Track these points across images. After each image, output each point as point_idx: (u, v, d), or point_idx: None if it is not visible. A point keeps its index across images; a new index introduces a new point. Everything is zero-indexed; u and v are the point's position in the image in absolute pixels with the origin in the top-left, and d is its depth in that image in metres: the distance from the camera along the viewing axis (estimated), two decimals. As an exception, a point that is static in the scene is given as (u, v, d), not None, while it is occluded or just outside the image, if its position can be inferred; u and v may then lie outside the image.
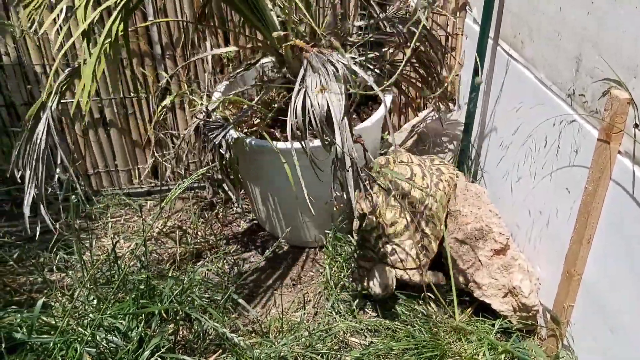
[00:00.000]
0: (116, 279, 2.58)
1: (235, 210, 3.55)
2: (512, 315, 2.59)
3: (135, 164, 3.72)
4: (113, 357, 2.25)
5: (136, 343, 2.31)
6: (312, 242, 3.12)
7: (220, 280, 2.95)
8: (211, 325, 2.33)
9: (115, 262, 2.57)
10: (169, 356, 2.25)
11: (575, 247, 2.30)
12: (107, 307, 2.43)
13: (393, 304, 2.76)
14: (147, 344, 2.25)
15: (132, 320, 2.40)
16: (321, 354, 2.49)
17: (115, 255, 2.49)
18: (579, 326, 2.35)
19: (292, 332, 2.55)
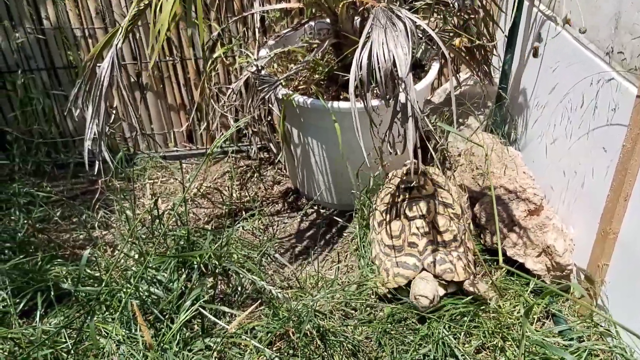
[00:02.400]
0: (157, 235, 2.67)
1: (274, 175, 3.60)
2: (546, 275, 2.60)
3: (171, 128, 3.78)
4: (156, 308, 2.34)
5: (177, 294, 2.39)
6: (351, 206, 3.13)
7: (255, 240, 3.02)
8: (249, 277, 2.40)
9: (157, 218, 2.65)
10: (208, 306, 2.32)
11: (611, 205, 2.30)
12: (149, 261, 2.52)
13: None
14: (187, 295, 2.32)
15: (173, 273, 2.49)
16: (355, 309, 2.55)
17: (157, 209, 2.56)
18: (614, 285, 2.36)
19: (327, 287, 2.60)
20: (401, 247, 2.62)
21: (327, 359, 2.31)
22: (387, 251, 2.65)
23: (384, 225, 2.71)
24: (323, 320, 2.43)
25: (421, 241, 2.58)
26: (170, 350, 2.05)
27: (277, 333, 2.44)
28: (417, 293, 2.43)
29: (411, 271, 2.54)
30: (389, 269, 2.59)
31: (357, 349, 2.38)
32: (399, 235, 2.63)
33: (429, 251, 2.56)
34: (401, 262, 2.57)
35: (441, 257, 2.54)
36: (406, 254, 2.59)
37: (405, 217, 2.65)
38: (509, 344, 2.37)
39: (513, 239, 2.64)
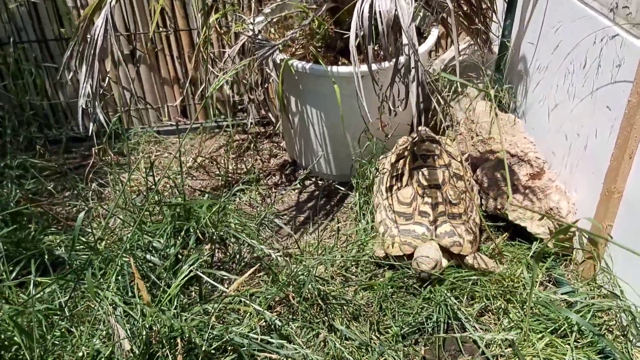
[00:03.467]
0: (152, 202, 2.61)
1: (270, 149, 3.55)
2: (548, 238, 2.56)
3: (165, 102, 3.72)
4: (152, 274, 2.29)
5: (173, 261, 2.34)
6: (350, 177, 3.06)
7: (253, 211, 2.97)
8: (247, 242, 2.35)
9: (153, 185, 2.59)
10: (206, 271, 2.27)
11: (616, 164, 2.26)
12: (144, 228, 2.47)
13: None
14: (184, 261, 2.27)
15: (169, 239, 2.43)
16: (356, 274, 2.51)
17: (152, 175, 2.51)
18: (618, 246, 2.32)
19: (327, 254, 2.56)
20: (411, 215, 2.56)
21: (328, 323, 2.26)
22: (395, 218, 2.58)
23: (394, 190, 2.65)
24: (323, 285, 2.38)
25: (434, 211, 2.52)
26: (169, 312, 2.00)
27: (276, 298, 2.40)
28: (420, 254, 2.38)
29: (419, 240, 2.49)
30: (395, 235, 2.53)
31: (358, 312, 2.34)
32: (410, 202, 2.57)
33: (439, 222, 2.51)
34: (409, 230, 2.51)
35: (451, 229, 2.49)
36: (416, 222, 2.53)
37: (419, 184, 2.59)
38: (512, 305, 2.33)
39: (514, 203, 2.60)
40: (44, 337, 1.98)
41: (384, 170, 2.81)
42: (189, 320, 2.02)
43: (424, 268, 2.36)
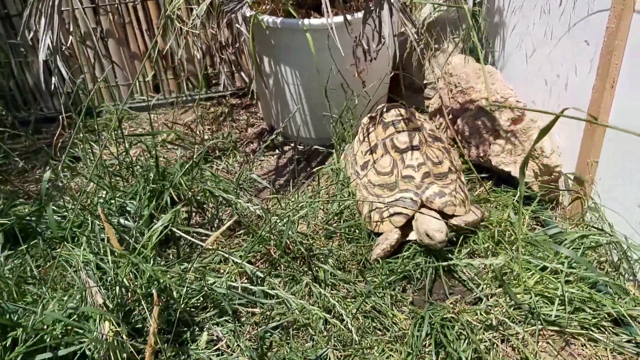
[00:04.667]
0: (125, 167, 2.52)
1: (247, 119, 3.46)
2: (534, 181, 2.51)
3: (136, 78, 3.62)
4: (127, 235, 2.19)
5: (148, 222, 2.25)
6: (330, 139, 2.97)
7: (230, 177, 2.88)
8: (224, 196, 2.27)
9: (125, 151, 2.50)
10: (182, 229, 2.18)
11: (597, 96, 2.20)
12: (116, 191, 2.38)
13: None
14: (158, 219, 2.19)
15: (142, 200, 2.34)
16: (338, 230, 2.43)
17: (123, 137, 2.42)
18: (605, 182, 2.27)
19: (308, 207, 2.48)
20: (394, 183, 2.38)
21: (312, 275, 2.18)
22: (378, 192, 2.41)
23: (370, 166, 2.48)
24: (306, 239, 2.30)
25: (417, 173, 2.35)
26: (146, 265, 1.90)
27: (257, 255, 2.31)
28: (431, 228, 2.15)
29: (409, 209, 2.31)
30: (382, 210, 2.35)
31: (343, 264, 2.26)
32: (391, 171, 2.40)
33: (426, 184, 2.34)
34: (397, 200, 2.33)
35: (440, 190, 2.32)
36: (401, 190, 2.36)
37: (396, 150, 2.43)
38: (501, 247, 2.27)
39: (498, 147, 2.54)
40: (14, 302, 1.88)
41: (353, 151, 2.66)
42: (166, 275, 1.93)
43: (440, 238, 2.13)
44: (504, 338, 1.93)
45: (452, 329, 1.92)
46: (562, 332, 1.92)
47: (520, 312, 2.00)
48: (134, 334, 1.89)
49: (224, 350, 1.89)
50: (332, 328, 2.00)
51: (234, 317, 2.01)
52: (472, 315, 2.01)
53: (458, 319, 1.95)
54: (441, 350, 1.91)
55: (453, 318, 1.96)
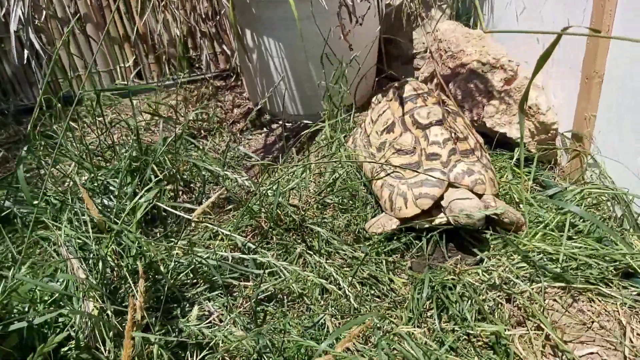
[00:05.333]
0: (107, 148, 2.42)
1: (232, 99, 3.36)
2: (530, 142, 2.43)
3: (117, 63, 3.52)
4: (110, 213, 2.09)
5: (131, 198, 2.15)
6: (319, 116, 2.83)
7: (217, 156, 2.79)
8: (209, 169, 2.17)
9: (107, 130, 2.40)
10: (168, 203, 2.09)
11: (592, 45, 2.13)
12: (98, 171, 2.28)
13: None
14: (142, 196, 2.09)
15: (125, 177, 2.25)
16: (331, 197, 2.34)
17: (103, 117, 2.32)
18: (604, 136, 2.20)
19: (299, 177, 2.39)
20: (418, 163, 2.16)
21: (306, 246, 2.09)
22: (399, 173, 2.19)
23: (388, 146, 2.26)
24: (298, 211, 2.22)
25: (444, 150, 2.13)
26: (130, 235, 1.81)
27: (248, 228, 2.22)
28: (469, 206, 1.97)
29: (437, 188, 2.08)
30: (405, 192, 2.12)
31: (337, 234, 2.17)
32: (413, 149, 2.18)
33: (453, 162, 2.13)
34: (422, 180, 2.11)
35: (468, 168, 2.11)
36: (426, 169, 2.13)
37: (417, 126, 2.20)
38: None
39: (492, 108, 2.46)
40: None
41: (365, 133, 2.47)
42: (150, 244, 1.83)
43: (480, 216, 1.94)
44: (509, 297, 1.84)
45: (453, 289, 1.83)
46: (568, 289, 1.84)
47: (525, 270, 1.92)
48: (120, 313, 1.80)
49: (217, 323, 1.80)
50: (329, 297, 1.91)
51: (226, 291, 1.92)
52: (474, 276, 1.93)
53: (459, 280, 1.87)
54: (443, 313, 1.82)
55: (454, 280, 1.88)
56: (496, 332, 1.69)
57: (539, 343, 1.69)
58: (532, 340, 1.70)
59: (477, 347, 1.72)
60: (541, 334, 1.71)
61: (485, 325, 1.71)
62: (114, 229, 1.76)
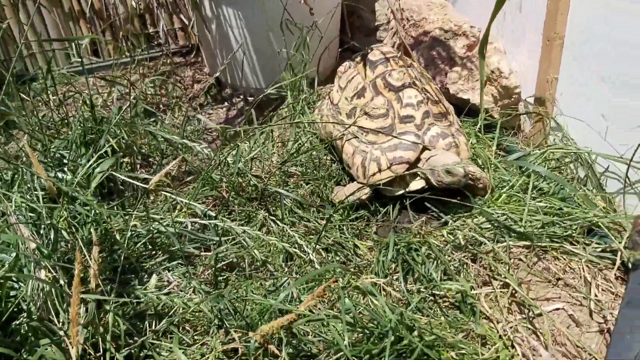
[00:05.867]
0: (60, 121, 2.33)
1: (192, 75, 3.28)
2: (493, 107, 2.42)
3: (72, 40, 3.39)
4: (65, 185, 2.00)
5: (85, 170, 2.07)
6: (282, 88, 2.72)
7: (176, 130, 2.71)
8: (167, 137, 2.10)
9: (61, 104, 2.31)
10: (124, 173, 2.01)
11: (553, 6, 2.12)
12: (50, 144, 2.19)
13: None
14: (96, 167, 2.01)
15: (79, 148, 2.16)
16: (294, 169, 2.29)
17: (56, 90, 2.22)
18: (566, 97, 2.19)
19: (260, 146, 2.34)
20: (391, 126, 2.10)
21: (269, 215, 2.04)
22: (372, 138, 2.12)
23: (359, 111, 2.18)
24: (261, 181, 2.16)
25: (418, 112, 2.07)
26: (83, 197, 1.73)
27: (209, 199, 2.16)
28: (450, 163, 1.90)
29: (412, 151, 2.03)
30: (379, 157, 2.06)
31: (301, 204, 2.12)
32: (386, 112, 2.11)
33: (426, 125, 2.07)
34: (396, 144, 2.05)
35: (442, 131, 2.07)
36: (400, 132, 2.07)
37: (390, 89, 2.13)
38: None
39: (455, 75, 2.44)
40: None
41: (332, 101, 2.39)
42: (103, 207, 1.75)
43: (460, 171, 1.88)
44: (474, 257, 1.82)
45: (419, 251, 1.81)
46: (533, 248, 1.82)
47: (490, 231, 1.90)
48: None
49: (176, 292, 1.73)
50: (294, 264, 1.87)
51: (186, 262, 1.85)
52: (439, 238, 1.90)
53: (425, 241, 1.84)
54: (409, 276, 1.80)
55: (419, 242, 1.85)
56: (462, 291, 1.67)
57: (505, 300, 1.67)
58: (498, 298, 1.69)
59: (444, 307, 1.70)
60: (507, 292, 1.69)
61: (451, 283, 1.69)
62: (66, 194, 1.68)
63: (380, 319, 1.47)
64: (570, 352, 1.54)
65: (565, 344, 1.56)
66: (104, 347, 1.49)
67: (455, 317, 1.65)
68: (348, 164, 2.18)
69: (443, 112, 2.12)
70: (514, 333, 1.58)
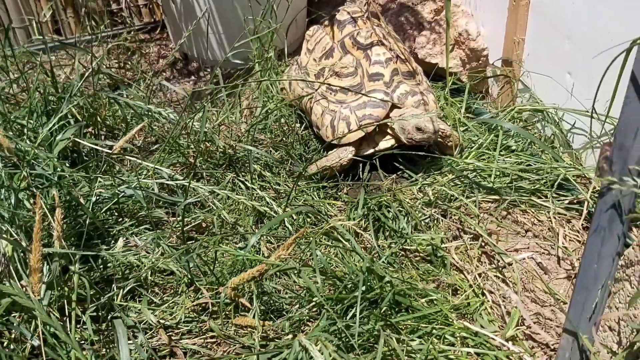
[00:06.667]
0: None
1: (158, 51, 3.21)
2: (462, 71, 2.42)
3: (33, 18, 3.30)
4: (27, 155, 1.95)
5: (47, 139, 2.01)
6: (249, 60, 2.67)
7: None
8: (130, 103, 2.06)
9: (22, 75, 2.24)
10: (88, 140, 1.97)
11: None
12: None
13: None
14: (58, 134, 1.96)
15: (39, 118, 2.10)
16: (264, 136, 2.26)
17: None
18: (533, 57, 2.20)
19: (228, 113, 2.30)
20: (359, 84, 2.08)
21: (239, 181, 2.01)
22: (341, 97, 2.10)
23: (327, 71, 2.16)
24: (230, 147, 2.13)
25: (386, 70, 2.05)
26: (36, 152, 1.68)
27: (177, 165, 2.13)
28: (421, 120, 1.88)
29: (381, 109, 2.01)
30: (348, 116, 2.04)
31: (271, 166, 2.10)
32: (355, 70, 2.09)
33: (395, 82, 2.06)
34: (365, 102, 2.03)
35: (411, 89, 2.06)
36: (369, 90, 2.05)
37: (358, 47, 2.11)
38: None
39: (423, 39, 2.44)
40: None
41: (301, 64, 2.38)
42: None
43: (433, 128, 1.89)
44: (444, 213, 1.83)
45: (390, 207, 1.80)
46: (502, 201, 1.83)
47: (459, 187, 1.90)
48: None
49: (144, 254, 1.69)
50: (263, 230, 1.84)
51: (154, 227, 1.81)
52: (409, 195, 1.90)
53: (395, 199, 1.84)
54: (380, 233, 1.79)
55: (389, 199, 1.84)
56: (433, 244, 1.67)
57: (475, 252, 1.68)
58: (468, 250, 1.69)
59: (415, 261, 1.70)
60: (477, 244, 1.70)
61: (422, 235, 1.69)
62: (26, 155, 1.63)
63: (351, 267, 1.46)
64: (539, 297, 1.55)
65: (534, 290, 1.57)
66: (70, 309, 1.45)
67: (426, 270, 1.65)
68: (317, 125, 2.16)
69: (411, 70, 2.11)
70: (484, 281, 1.59)
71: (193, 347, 1.48)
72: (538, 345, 1.44)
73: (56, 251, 1.42)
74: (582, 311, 1.15)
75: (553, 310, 1.50)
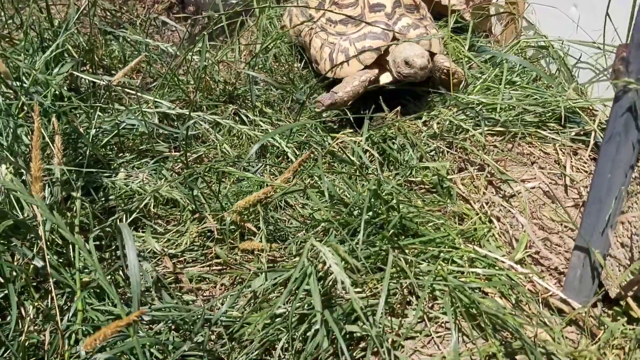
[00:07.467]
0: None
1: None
2: (465, 9, 2.38)
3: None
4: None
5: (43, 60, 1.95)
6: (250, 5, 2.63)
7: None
8: (128, 37, 2.00)
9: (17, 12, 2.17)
10: (87, 72, 1.92)
11: None
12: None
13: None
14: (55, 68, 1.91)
15: (35, 52, 2.05)
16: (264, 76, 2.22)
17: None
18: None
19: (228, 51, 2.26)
20: (360, 15, 2.00)
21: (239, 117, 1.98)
22: (341, 29, 2.04)
23: (327, 3, 2.08)
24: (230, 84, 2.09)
25: (388, 1, 1.99)
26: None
27: (176, 102, 2.09)
28: (412, 54, 1.83)
29: (381, 40, 1.94)
30: (347, 48, 1.98)
31: (272, 104, 2.07)
32: (355, 1, 2.02)
33: (397, 14, 1.99)
34: (365, 34, 1.97)
35: (414, 22, 1.99)
36: (369, 21, 1.98)
37: None
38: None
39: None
40: None
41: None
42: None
43: (422, 63, 1.82)
44: (450, 145, 1.80)
45: (394, 139, 1.78)
46: (508, 134, 1.81)
47: (464, 121, 1.87)
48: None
49: (147, 182, 1.67)
50: (267, 161, 1.82)
51: (156, 158, 1.78)
52: (414, 128, 1.87)
53: (400, 131, 1.81)
54: (385, 167, 1.77)
55: (394, 133, 1.82)
56: (438, 175, 1.65)
57: (482, 182, 1.66)
58: (475, 181, 1.68)
59: (420, 193, 1.68)
60: (483, 174, 1.68)
61: (428, 164, 1.67)
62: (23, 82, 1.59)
63: (357, 190, 1.44)
64: (547, 225, 1.54)
65: (541, 218, 1.56)
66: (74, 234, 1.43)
67: (432, 200, 1.64)
68: (316, 58, 2.11)
69: (415, 4, 2.05)
70: (491, 209, 1.58)
71: (199, 273, 1.46)
72: (547, 269, 1.44)
73: (56, 167, 1.38)
74: (596, 224, 1.14)
75: (561, 237, 1.49)
